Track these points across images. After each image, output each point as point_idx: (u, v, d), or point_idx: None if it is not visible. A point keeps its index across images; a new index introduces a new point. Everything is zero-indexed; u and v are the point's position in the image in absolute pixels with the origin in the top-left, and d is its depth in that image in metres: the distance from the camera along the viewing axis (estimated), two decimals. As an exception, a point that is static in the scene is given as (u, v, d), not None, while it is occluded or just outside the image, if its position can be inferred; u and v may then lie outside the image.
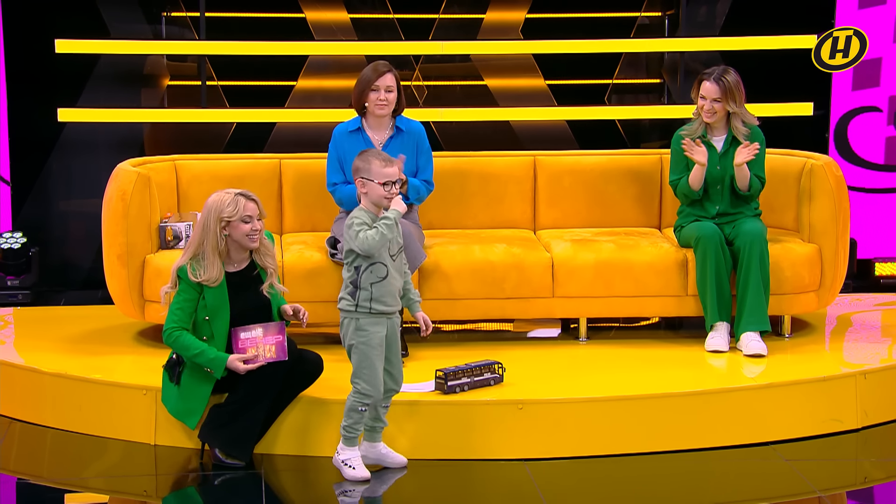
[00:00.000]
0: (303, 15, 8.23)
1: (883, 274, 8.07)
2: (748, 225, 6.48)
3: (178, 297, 5.48)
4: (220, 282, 5.47)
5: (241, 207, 5.43)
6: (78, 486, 5.56)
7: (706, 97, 6.54)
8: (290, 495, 5.43)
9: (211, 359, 5.42)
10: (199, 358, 5.43)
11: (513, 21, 8.34)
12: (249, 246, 5.51)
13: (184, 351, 5.45)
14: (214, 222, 5.43)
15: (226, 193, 5.48)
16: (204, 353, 5.42)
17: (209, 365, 5.43)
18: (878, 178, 8.15)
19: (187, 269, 5.45)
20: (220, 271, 5.47)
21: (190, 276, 5.44)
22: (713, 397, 5.86)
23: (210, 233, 5.44)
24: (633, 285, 6.60)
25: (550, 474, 5.40)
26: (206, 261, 5.45)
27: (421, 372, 5.96)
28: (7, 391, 6.25)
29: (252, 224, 5.46)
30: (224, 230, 5.45)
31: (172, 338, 5.45)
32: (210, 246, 5.44)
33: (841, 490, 5.48)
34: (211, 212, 5.44)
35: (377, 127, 6.50)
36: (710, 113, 6.55)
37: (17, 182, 7.90)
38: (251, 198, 5.48)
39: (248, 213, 5.44)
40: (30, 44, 7.83)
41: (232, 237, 5.47)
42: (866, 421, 6.05)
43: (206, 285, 5.46)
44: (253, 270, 5.59)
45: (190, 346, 5.43)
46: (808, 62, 8.02)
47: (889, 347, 6.58)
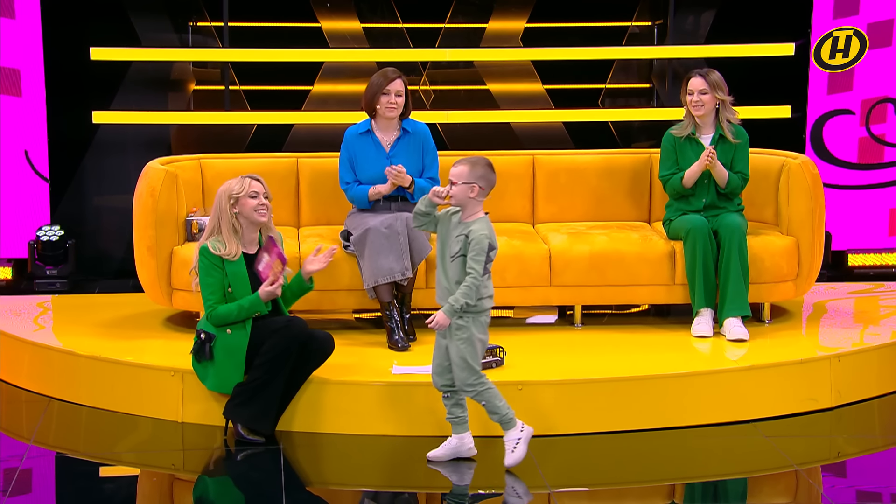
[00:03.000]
0: (318, 24, 8.22)
1: (855, 264, 8.06)
2: (729, 219, 6.47)
3: (203, 281, 5.56)
4: (239, 257, 5.57)
5: (246, 185, 5.60)
6: (111, 460, 5.56)
7: (693, 91, 6.52)
8: (305, 469, 5.43)
9: (248, 306, 5.51)
10: (242, 313, 5.51)
11: (513, 30, 8.31)
12: (258, 220, 5.59)
13: (226, 318, 5.53)
14: (225, 202, 5.59)
15: (233, 179, 5.65)
16: (241, 307, 5.51)
17: (252, 310, 5.52)
18: (851, 175, 8.13)
19: (208, 245, 5.56)
20: (239, 247, 5.59)
21: (211, 251, 5.54)
22: (699, 379, 5.85)
23: (223, 213, 5.59)
24: (624, 275, 6.58)
25: (547, 450, 5.39)
26: (224, 238, 5.57)
27: (426, 355, 5.92)
28: (46, 372, 6.25)
29: (258, 199, 5.59)
30: (234, 208, 5.58)
31: (214, 315, 5.53)
32: (225, 225, 5.58)
33: (816, 464, 5.47)
34: (222, 195, 5.62)
35: (386, 129, 6.48)
36: (699, 105, 6.52)
37: (55, 179, 7.89)
38: (256, 178, 5.65)
39: (253, 190, 5.59)
40: (67, 52, 7.81)
41: (242, 213, 5.58)
42: (840, 400, 6.04)
43: (227, 259, 5.54)
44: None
45: (229, 312, 5.52)
46: (787, 68, 8.00)
47: (861, 332, 6.56)
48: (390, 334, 6.23)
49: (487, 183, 5.16)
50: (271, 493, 5.04)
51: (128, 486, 5.31)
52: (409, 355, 6.08)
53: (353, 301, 6.49)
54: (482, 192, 5.16)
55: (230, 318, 5.52)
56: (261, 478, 5.24)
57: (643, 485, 5.31)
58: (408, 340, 6.23)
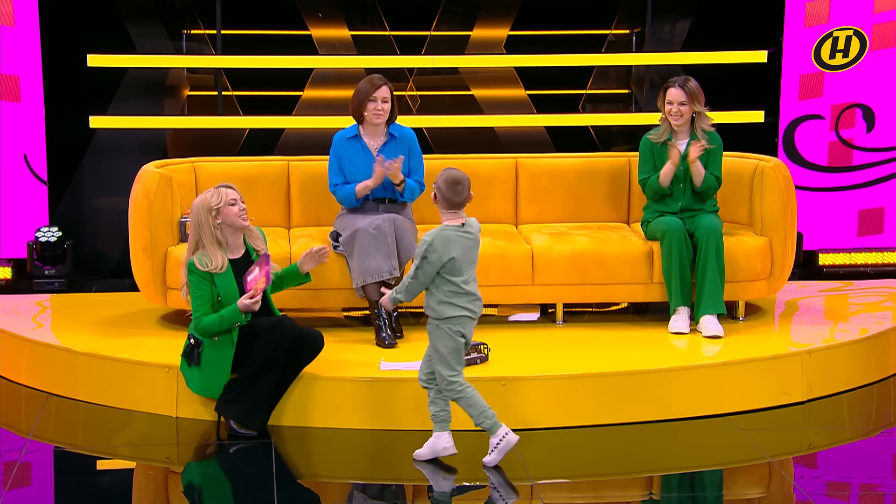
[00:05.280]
0: (308, 32, 8.20)
1: (826, 264, 8.08)
2: (706, 220, 6.48)
3: (193, 294, 5.51)
4: (226, 267, 5.51)
5: (223, 195, 5.52)
6: (107, 454, 5.55)
7: (673, 102, 6.53)
8: (296, 462, 5.42)
9: (229, 316, 5.47)
10: (224, 323, 5.47)
11: (497, 37, 8.31)
12: (241, 224, 5.55)
13: (211, 329, 5.48)
14: (205, 215, 5.49)
15: (206, 192, 5.56)
16: (222, 317, 5.47)
17: (232, 320, 5.47)
18: (822, 178, 8.15)
19: (195, 261, 5.49)
20: (224, 258, 5.53)
21: (198, 266, 5.47)
22: (676, 374, 5.86)
23: (204, 226, 5.50)
24: (604, 274, 6.58)
25: (530, 443, 5.39)
26: (208, 252, 5.49)
27: (413, 352, 5.94)
28: (44, 369, 6.23)
29: (238, 205, 5.53)
30: (216, 219, 5.50)
31: (199, 327, 5.49)
32: (207, 238, 5.50)
33: (788, 456, 5.48)
34: (199, 209, 5.51)
35: (373, 134, 6.48)
36: (678, 115, 6.53)
37: (54, 182, 7.86)
38: (228, 186, 5.58)
39: (231, 198, 5.52)
40: (65, 59, 7.78)
41: (225, 222, 5.52)
42: (811, 394, 6.05)
43: (215, 273, 5.48)
44: (250, 256, 5.63)
45: (211, 322, 5.47)
46: (760, 74, 8.01)
47: (831, 329, 6.58)
48: (378, 332, 6.22)
49: (442, 194, 5.09)
50: (263, 485, 5.03)
51: (124, 479, 5.29)
52: (397, 352, 6.08)
53: (342, 300, 6.49)
54: (441, 202, 5.10)
55: (213, 329, 5.49)
56: (252, 471, 5.23)
57: (622, 476, 5.32)
58: (395, 338, 6.23)
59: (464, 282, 5.11)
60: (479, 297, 5.18)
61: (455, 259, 5.08)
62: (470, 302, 5.14)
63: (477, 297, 5.17)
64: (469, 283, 5.14)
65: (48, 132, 7.77)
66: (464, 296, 5.12)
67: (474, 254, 5.18)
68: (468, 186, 5.13)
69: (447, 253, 5.06)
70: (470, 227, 5.16)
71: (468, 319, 5.15)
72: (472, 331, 5.19)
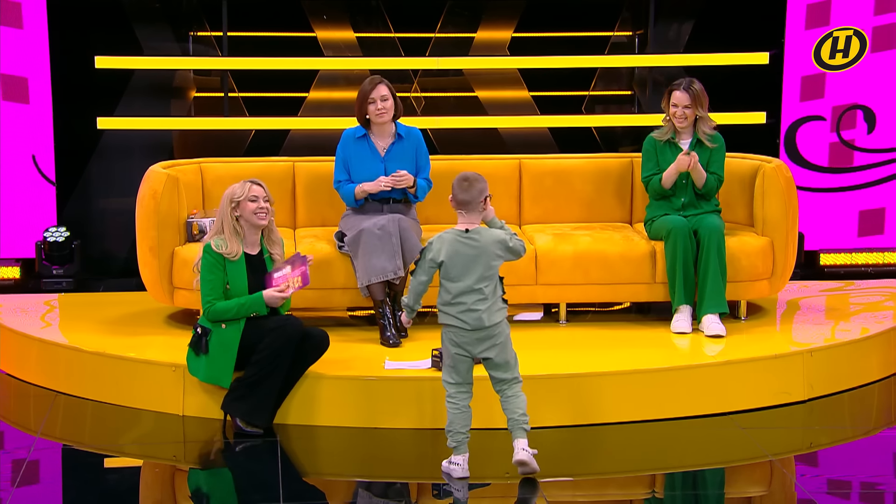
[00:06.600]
0: (314, 34, 8.19)
1: (827, 264, 8.06)
2: (708, 220, 6.47)
3: (204, 277, 5.55)
4: (240, 257, 5.56)
5: (247, 189, 5.60)
6: (115, 452, 5.55)
7: (678, 105, 6.53)
8: (301, 459, 5.41)
9: (249, 304, 5.50)
10: (241, 310, 5.50)
11: (500, 39, 8.30)
12: (257, 223, 5.58)
13: (225, 314, 5.50)
14: (227, 205, 5.59)
15: (238, 183, 5.65)
16: (240, 304, 5.50)
17: (252, 309, 5.50)
18: (823, 178, 8.14)
19: (212, 244, 5.56)
20: (240, 247, 5.58)
21: (213, 248, 5.54)
22: (678, 373, 5.85)
23: (225, 215, 5.59)
24: (607, 274, 6.57)
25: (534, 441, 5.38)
26: (226, 238, 5.56)
27: (418, 351, 5.94)
28: (52, 367, 6.23)
29: (258, 203, 5.58)
30: (235, 211, 5.57)
31: (212, 311, 5.51)
32: (227, 227, 5.58)
33: (789, 454, 5.47)
34: (225, 198, 5.62)
35: (381, 134, 6.47)
36: (682, 118, 6.54)
37: (62, 183, 7.86)
38: (257, 183, 5.64)
39: (253, 194, 5.58)
40: (73, 61, 7.79)
41: (242, 216, 5.57)
42: (812, 393, 6.04)
43: (228, 258, 5.52)
44: (263, 256, 5.66)
45: (227, 307, 5.50)
46: (761, 76, 8.00)
47: (832, 328, 6.57)
48: (383, 331, 6.22)
49: (452, 191, 5.05)
50: (269, 482, 5.02)
51: (131, 477, 5.29)
52: (401, 351, 6.07)
53: (347, 299, 6.48)
54: (452, 200, 5.06)
55: (228, 314, 5.50)
56: (258, 468, 5.22)
57: (625, 474, 5.31)
58: (399, 337, 6.22)
59: (458, 291, 4.94)
60: (475, 310, 4.94)
61: (445, 263, 4.96)
62: (461, 313, 4.93)
63: (470, 309, 4.94)
64: (466, 294, 4.93)
65: (56, 133, 7.77)
66: (453, 305, 4.95)
67: (477, 263, 4.96)
68: (478, 185, 5.00)
69: (439, 255, 4.98)
70: (477, 234, 5.00)
71: (460, 330, 4.97)
72: (473, 342, 4.98)
